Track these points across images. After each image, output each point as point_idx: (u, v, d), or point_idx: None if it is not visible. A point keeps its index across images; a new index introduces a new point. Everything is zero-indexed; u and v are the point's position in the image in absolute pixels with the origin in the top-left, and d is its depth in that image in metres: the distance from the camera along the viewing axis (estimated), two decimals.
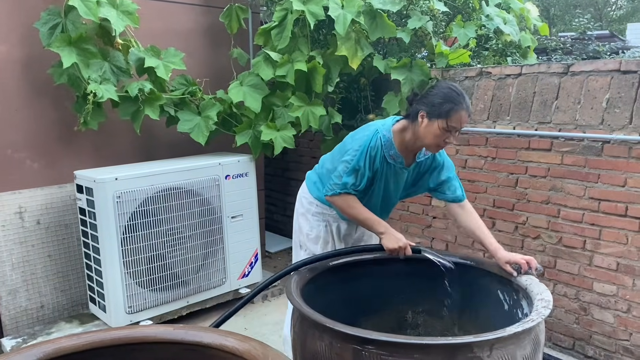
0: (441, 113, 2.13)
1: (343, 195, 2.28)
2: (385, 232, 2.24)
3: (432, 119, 2.15)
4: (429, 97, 2.20)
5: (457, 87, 2.20)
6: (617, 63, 2.78)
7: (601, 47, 8.43)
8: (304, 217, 2.61)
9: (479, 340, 1.63)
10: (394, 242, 2.20)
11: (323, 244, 2.55)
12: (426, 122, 2.17)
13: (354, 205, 2.28)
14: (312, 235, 2.57)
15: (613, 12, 25.01)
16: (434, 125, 2.15)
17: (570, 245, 2.97)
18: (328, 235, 2.56)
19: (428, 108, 2.17)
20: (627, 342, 2.78)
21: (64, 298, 3.48)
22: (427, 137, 2.19)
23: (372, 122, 2.38)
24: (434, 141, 2.18)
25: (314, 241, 2.56)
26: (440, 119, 2.13)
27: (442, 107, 2.13)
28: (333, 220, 2.55)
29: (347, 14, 3.45)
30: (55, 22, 3.13)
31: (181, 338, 1.64)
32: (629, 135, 2.68)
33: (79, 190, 3.18)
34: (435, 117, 2.14)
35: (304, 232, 2.60)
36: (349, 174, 2.26)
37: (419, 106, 2.21)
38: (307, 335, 1.86)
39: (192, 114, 3.54)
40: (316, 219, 2.56)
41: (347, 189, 2.27)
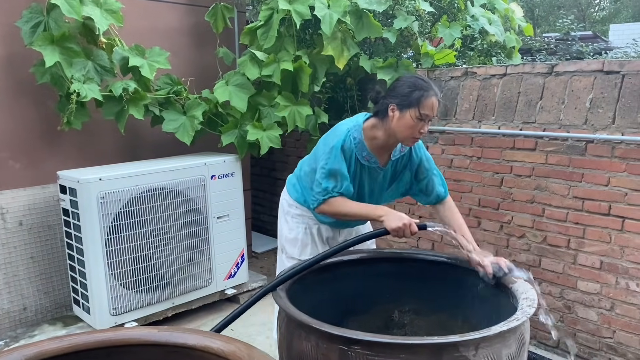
0: (412, 102, 2.10)
1: (328, 201, 2.23)
2: (385, 214, 2.14)
3: (403, 110, 2.12)
4: (397, 89, 2.17)
5: (423, 76, 2.19)
6: (600, 63, 2.81)
7: (585, 48, 8.54)
8: (284, 220, 2.58)
9: (464, 339, 1.64)
10: (397, 221, 2.09)
11: (301, 247, 2.51)
12: (398, 114, 2.14)
13: (343, 204, 2.22)
14: (290, 237, 2.53)
15: (596, 13, 25.33)
16: (406, 115, 2.12)
17: (554, 244, 2.99)
18: (307, 237, 2.51)
19: (398, 100, 2.14)
20: (611, 339, 2.81)
21: (47, 300, 3.43)
22: (400, 130, 2.15)
23: (342, 122, 2.33)
24: (408, 133, 2.15)
25: (292, 243, 2.53)
26: (412, 108, 2.10)
27: (412, 95, 2.10)
28: (313, 223, 2.51)
29: (333, 14, 3.44)
30: (37, 21, 3.09)
31: (166, 340, 1.63)
32: (612, 135, 2.71)
33: (63, 190, 3.15)
34: (406, 107, 2.11)
35: (284, 235, 2.57)
36: (327, 178, 2.21)
37: (387, 100, 2.18)
38: (294, 336, 1.86)
39: (177, 113, 3.52)
40: (295, 221, 2.53)
41: (329, 194, 2.22)
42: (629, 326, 2.73)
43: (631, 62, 2.70)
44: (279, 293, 1.99)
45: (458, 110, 3.40)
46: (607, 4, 25.72)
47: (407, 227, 2.10)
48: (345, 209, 2.23)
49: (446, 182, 2.46)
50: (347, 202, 2.23)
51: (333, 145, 2.21)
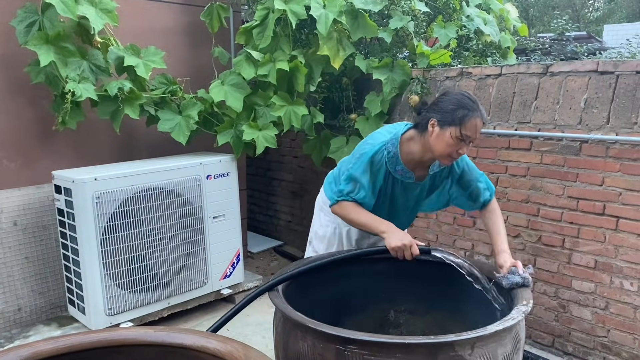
0: (454, 120, 2.00)
1: (340, 203, 2.21)
2: (387, 231, 2.11)
3: (444, 127, 2.03)
4: (441, 104, 2.08)
5: (470, 95, 2.08)
6: (595, 64, 2.82)
7: (579, 48, 8.57)
8: (317, 215, 2.62)
9: (460, 339, 1.64)
10: (396, 240, 2.06)
11: (327, 245, 2.53)
12: (437, 130, 2.04)
13: (352, 210, 2.19)
14: (320, 233, 2.56)
15: (590, 13, 25.44)
16: (446, 133, 2.02)
17: (549, 244, 3.01)
18: (334, 237, 2.52)
19: (440, 115, 2.04)
20: (605, 338, 2.82)
21: (42, 300, 3.42)
22: (438, 147, 2.06)
23: (382, 130, 2.27)
24: (445, 151, 2.05)
25: (320, 240, 2.56)
26: (454, 127, 2.01)
27: (456, 113, 2.00)
28: (344, 225, 2.48)
29: (329, 14, 3.45)
30: (32, 20, 3.07)
31: (162, 340, 1.62)
32: (606, 135, 2.72)
33: (57, 190, 3.13)
34: (447, 124, 2.02)
35: (315, 229, 2.61)
36: (346, 181, 2.20)
37: (429, 114, 2.09)
38: (290, 335, 1.86)
39: (172, 113, 3.51)
40: (327, 219, 2.54)
41: (343, 197, 2.20)
42: (623, 325, 2.74)
43: (625, 62, 2.71)
44: (275, 293, 1.99)
45: None
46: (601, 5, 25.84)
47: (407, 248, 2.06)
48: (352, 215, 2.20)
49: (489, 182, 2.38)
50: (356, 209, 2.19)
51: (363, 153, 2.18)
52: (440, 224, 3.53)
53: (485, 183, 2.35)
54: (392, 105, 3.72)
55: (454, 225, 3.45)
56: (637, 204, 2.64)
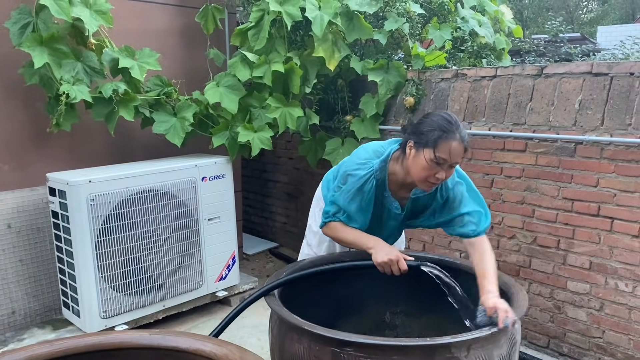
0: (428, 142, 1.92)
1: (328, 224, 2.22)
2: (374, 246, 2.08)
3: (419, 149, 1.96)
4: (419, 126, 2.01)
5: (451, 116, 1.98)
6: (589, 65, 2.83)
7: (573, 49, 8.62)
8: (312, 210, 2.61)
9: (456, 340, 1.65)
10: (383, 256, 2.02)
11: (319, 240, 2.54)
12: (414, 152, 1.98)
13: (340, 230, 2.17)
14: (313, 228, 2.56)
15: (584, 15, 25.58)
16: (420, 156, 1.95)
17: (544, 245, 3.01)
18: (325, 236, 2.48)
19: (416, 137, 1.98)
20: (600, 339, 2.83)
21: (36, 303, 3.40)
22: (414, 170, 1.99)
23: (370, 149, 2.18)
24: (421, 175, 1.97)
25: (314, 234, 2.56)
26: (427, 149, 1.92)
27: (430, 135, 1.92)
28: None
29: (324, 15, 3.45)
30: (26, 22, 3.05)
31: (157, 343, 1.62)
32: (601, 137, 2.73)
33: (52, 193, 3.12)
34: (422, 146, 1.95)
35: (309, 223, 2.61)
36: (331, 204, 2.20)
37: (408, 135, 2.04)
38: (286, 338, 1.86)
39: (167, 115, 3.50)
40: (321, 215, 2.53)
41: (330, 217, 2.20)
42: (618, 326, 2.75)
43: (619, 64, 2.73)
44: (271, 296, 1.99)
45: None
46: (594, 6, 25.99)
47: (393, 264, 2.01)
48: (341, 235, 2.20)
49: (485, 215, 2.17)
50: (343, 228, 2.18)
51: (349, 182, 2.11)
52: None
53: (476, 217, 2.13)
54: (388, 107, 3.72)
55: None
56: (631, 205, 2.66)
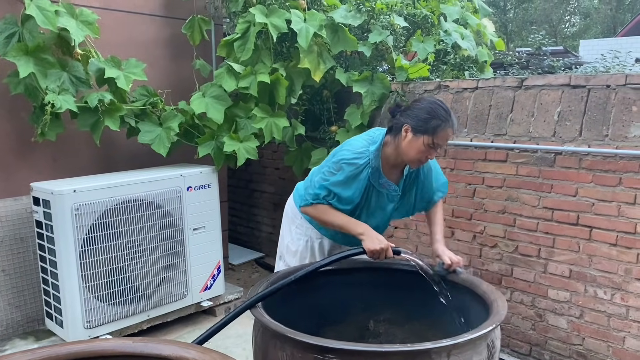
0: (428, 129, 2.09)
1: (315, 205, 2.24)
2: (364, 233, 2.18)
3: (417, 135, 2.12)
4: (415, 111, 2.15)
5: (443, 103, 2.16)
6: (567, 78, 2.90)
7: (555, 62, 8.77)
8: (287, 228, 2.58)
9: (436, 346, 1.67)
10: (376, 244, 2.14)
11: (300, 260, 2.51)
12: (410, 136, 2.13)
13: (327, 211, 2.23)
14: (292, 248, 2.53)
15: (567, 29, 26.04)
16: (419, 140, 2.11)
17: (525, 254, 3.06)
18: (306, 251, 2.51)
19: (414, 122, 2.12)
20: (580, 346, 2.88)
21: (18, 314, 3.37)
22: (409, 152, 2.15)
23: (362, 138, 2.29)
24: (416, 156, 2.15)
25: (293, 255, 2.53)
26: (427, 135, 2.09)
27: (429, 123, 2.09)
28: (316, 237, 2.50)
29: (310, 28, 3.49)
30: (11, 31, 3.06)
31: (140, 351, 1.62)
32: (579, 147, 2.80)
33: (36, 202, 3.11)
34: (421, 132, 2.11)
35: (285, 243, 2.57)
36: (323, 188, 2.22)
37: (403, 119, 2.17)
38: (269, 345, 1.87)
39: (153, 125, 3.51)
40: (298, 231, 2.52)
41: (319, 200, 2.23)
42: (598, 333, 2.80)
43: (596, 76, 2.80)
44: None
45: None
46: (577, 20, 26.47)
47: (383, 252, 2.15)
48: (329, 217, 2.25)
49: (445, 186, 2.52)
50: (332, 211, 2.24)
51: (345, 169, 2.19)
52: (419, 235, 3.57)
53: (443, 189, 2.49)
54: (372, 118, 3.77)
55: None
56: (609, 214, 2.72)
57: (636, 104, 2.64)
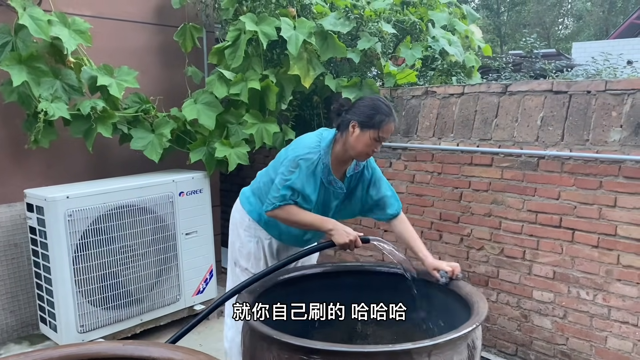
0: (373, 124, 2.25)
1: (283, 207, 2.30)
2: (333, 228, 2.28)
3: (364, 129, 2.26)
4: (360, 108, 2.30)
5: (385, 100, 2.32)
6: (550, 84, 2.98)
7: (547, 65, 8.86)
8: (236, 233, 2.60)
9: (417, 347, 1.73)
10: (344, 237, 2.25)
11: (255, 261, 2.55)
12: (358, 131, 2.27)
13: (295, 212, 2.30)
14: (244, 251, 2.57)
15: (560, 31, 26.19)
16: (365, 135, 2.26)
17: (511, 256, 3.13)
18: (259, 251, 2.56)
19: (360, 118, 2.27)
20: (564, 346, 2.94)
21: (12, 319, 3.42)
22: (357, 146, 2.28)
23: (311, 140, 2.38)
24: (363, 150, 2.28)
25: (247, 258, 2.56)
26: (373, 130, 2.25)
27: (374, 118, 2.25)
28: (265, 237, 2.56)
29: (299, 35, 3.56)
30: (5, 41, 3.12)
31: (130, 353, 1.68)
32: (561, 152, 2.86)
33: (30, 209, 3.16)
34: (367, 127, 2.25)
35: (236, 248, 2.60)
36: (287, 188, 2.28)
37: (350, 116, 2.30)
38: (256, 347, 1.92)
39: (145, 131, 3.57)
40: (247, 234, 2.56)
41: (287, 201, 2.29)
42: (581, 333, 2.87)
43: (577, 83, 2.87)
44: None
45: (419, 127, 3.54)
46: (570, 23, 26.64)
47: (352, 243, 2.26)
48: (298, 217, 2.31)
49: (407, 197, 2.58)
50: (301, 211, 2.32)
51: (302, 166, 2.28)
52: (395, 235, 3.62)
53: (393, 195, 2.54)
54: None
55: (421, 239, 3.54)
56: (590, 216, 2.78)
57: (615, 110, 2.71)
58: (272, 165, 2.50)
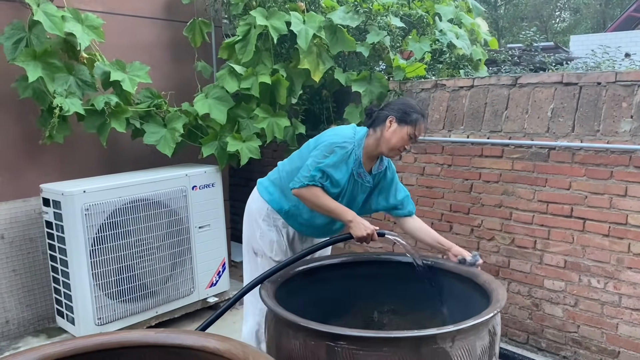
0: (411, 121, 2.36)
1: (310, 187, 2.34)
2: (353, 220, 2.34)
3: (401, 125, 2.36)
4: (398, 105, 2.42)
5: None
6: (560, 76, 3.02)
7: (547, 58, 8.89)
8: (255, 223, 2.62)
9: (441, 332, 1.78)
10: (362, 230, 2.31)
11: (278, 249, 2.59)
12: (395, 126, 2.37)
13: (320, 195, 2.35)
14: (266, 240, 2.60)
15: (557, 24, 26.21)
16: (403, 130, 2.36)
17: (522, 246, 3.17)
18: (282, 239, 2.60)
19: (399, 114, 2.37)
20: (576, 333, 2.99)
21: (29, 313, 3.45)
22: (392, 140, 2.36)
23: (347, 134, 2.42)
24: (398, 145, 2.37)
25: (269, 246, 2.59)
26: (409, 126, 2.36)
27: (411, 115, 2.36)
28: (282, 226, 2.60)
29: (309, 29, 3.59)
30: (19, 37, 3.14)
31: (162, 341, 1.72)
32: (572, 142, 2.91)
33: (46, 203, 3.19)
34: (405, 123, 2.36)
35: (257, 237, 2.61)
36: (318, 170, 2.32)
37: (387, 112, 2.40)
38: (282, 335, 1.97)
39: (158, 126, 3.60)
40: (266, 223, 2.60)
41: (315, 182, 2.33)
42: (592, 320, 2.92)
43: (587, 74, 2.91)
44: (267, 295, 2.10)
45: (429, 120, 3.57)
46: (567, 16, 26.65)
47: (369, 237, 2.34)
48: (322, 201, 2.36)
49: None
50: (325, 195, 2.37)
51: (338, 152, 2.35)
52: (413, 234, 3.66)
53: (409, 199, 2.65)
54: None
55: None
56: (601, 206, 2.83)
57: (626, 100, 2.75)
58: (297, 155, 2.55)
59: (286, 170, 2.56)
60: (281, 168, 2.63)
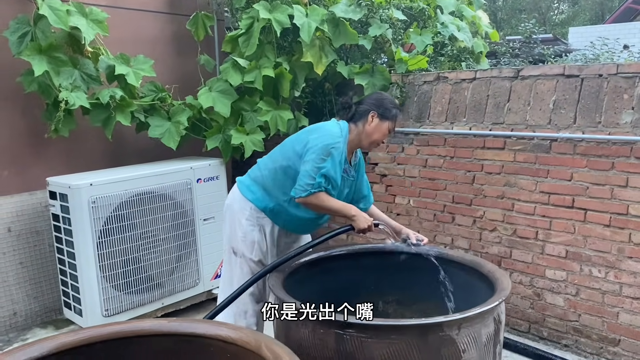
0: (392, 116, 2.48)
1: (316, 194, 2.34)
2: (356, 214, 2.41)
3: (382, 120, 2.46)
4: (379, 101, 2.50)
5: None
6: (562, 68, 3.04)
7: (546, 51, 8.91)
8: (237, 222, 2.56)
9: (448, 320, 1.82)
10: (364, 222, 2.40)
11: (259, 248, 2.54)
12: (377, 121, 2.45)
13: (326, 199, 2.37)
14: (247, 240, 2.53)
15: (555, 16, 26.18)
16: (384, 125, 2.46)
17: (524, 236, 3.21)
18: (262, 239, 2.55)
19: (380, 110, 2.46)
20: (577, 322, 3.04)
21: (36, 305, 3.49)
22: (373, 135, 2.46)
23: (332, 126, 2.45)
24: (378, 139, 2.48)
25: (250, 247, 2.53)
26: (390, 121, 2.48)
27: (392, 111, 2.48)
28: (266, 224, 2.55)
29: (312, 22, 3.61)
30: (24, 31, 3.16)
31: (175, 330, 1.75)
32: (574, 134, 2.94)
33: (52, 196, 3.22)
34: (386, 118, 2.46)
35: (239, 237, 2.55)
36: (321, 176, 2.33)
37: (367, 107, 2.47)
38: (291, 324, 2.00)
39: (162, 119, 3.62)
40: (249, 222, 2.53)
41: (320, 188, 2.33)
42: (593, 309, 2.96)
43: (589, 66, 2.94)
44: (275, 285, 2.13)
45: (431, 112, 3.61)
46: (565, 8, 26.62)
47: (369, 228, 2.43)
48: (329, 204, 2.38)
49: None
50: (330, 198, 2.39)
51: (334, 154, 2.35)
52: (421, 221, 3.71)
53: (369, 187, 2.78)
54: None
55: (434, 222, 3.64)
56: (602, 197, 2.87)
57: (627, 92, 2.78)
58: (279, 152, 2.52)
59: (268, 168, 2.52)
60: (262, 166, 2.57)
